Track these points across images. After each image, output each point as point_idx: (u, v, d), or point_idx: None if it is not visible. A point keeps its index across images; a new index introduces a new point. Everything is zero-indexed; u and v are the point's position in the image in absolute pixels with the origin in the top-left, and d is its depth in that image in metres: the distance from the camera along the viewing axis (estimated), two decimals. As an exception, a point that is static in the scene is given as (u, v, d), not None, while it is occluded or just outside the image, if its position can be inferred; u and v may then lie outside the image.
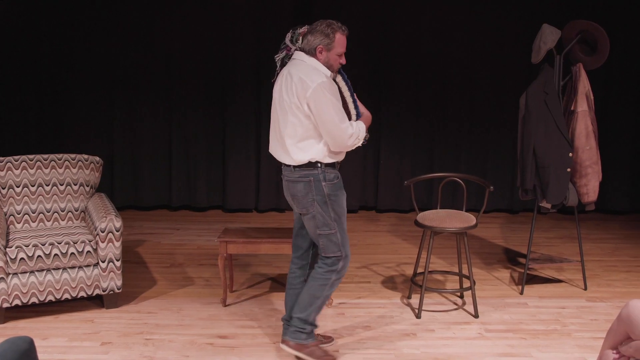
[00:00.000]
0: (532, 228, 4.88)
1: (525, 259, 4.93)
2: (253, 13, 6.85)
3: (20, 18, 6.70)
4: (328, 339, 4.00)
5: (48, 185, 4.81)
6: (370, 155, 7.10)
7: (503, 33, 6.90)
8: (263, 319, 4.34)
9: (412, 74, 6.98)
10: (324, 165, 3.61)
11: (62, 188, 4.84)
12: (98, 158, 5.03)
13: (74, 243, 4.31)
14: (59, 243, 4.28)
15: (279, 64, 3.75)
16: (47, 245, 4.25)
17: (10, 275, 4.19)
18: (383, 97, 7.01)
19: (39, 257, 4.22)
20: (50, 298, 4.29)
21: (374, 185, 7.21)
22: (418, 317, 4.38)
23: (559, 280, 5.11)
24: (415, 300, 4.61)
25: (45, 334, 4.08)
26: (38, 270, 4.25)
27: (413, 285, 4.67)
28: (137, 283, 4.97)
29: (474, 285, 4.45)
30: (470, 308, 4.51)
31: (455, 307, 4.59)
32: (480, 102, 7.04)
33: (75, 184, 4.88)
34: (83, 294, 4.37)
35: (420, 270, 4.78)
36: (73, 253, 4.30)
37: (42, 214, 4.79)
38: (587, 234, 6.32)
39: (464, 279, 4.79)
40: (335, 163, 3.67)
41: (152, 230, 6.45)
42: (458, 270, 4.76)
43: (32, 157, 4.82)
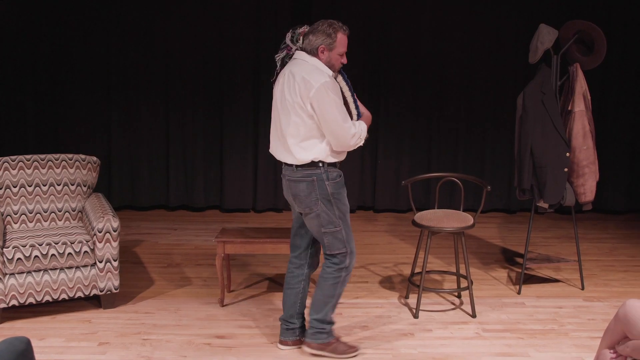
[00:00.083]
0: (529, 228, 4.89)
1: (523, 259, 4.93)
2: (252, 13, 6.84)
3: (19, 18, 6.68)
4: None
5: (45, 186, 4.80)
6: (368, 155, 7.10)
7: (501, 33, 6.91)
8: (261, 319, 4.34)
9: (410, 74, 6.98)
10: (327, 165, 3.61)
11: (59, 188, 4.83)
12: (95, 158, 5.02)
13: (71, 243, 4.30)
14: (56, 243, 4.28)
15: (279, 64, 3.75)
16: (44, 246, 4.24)
17: (7, 276, 4.19)
18: (381, 96, 7.01)
19: (36, 257, 4.21)
20: (48, 298, 4.29)
21: (372, 185, 7.21)
22: (415, 317, 4.39)
23: (557, 280, 5.11)
24: (413, 300, 4.61)
25: (43, 334, 4.07)
26: (35, 271, 4.24)
27: (410, 285, 4.67)
28: (134, 283, 4.96)
29: (472, 285, 4.46)
30: (468, 308, 4.52)
31: (453, 307, 4.59)
32: (478, 102, 7.04)
33: (73, 184, 4.87)
34: (80, 294, 4.37)
35: (418, 270, 4.78)
36: (70, 253, 4.29)
37: (39, 214, 4.78)
38: (584, 234, 6.33)
39: (462, 279, 4.79)
40: (337, 163, 3.68)
41: (149, 231, 6.44)
42: (455, 270, 4.76)
43: (29, 157, 4.81)
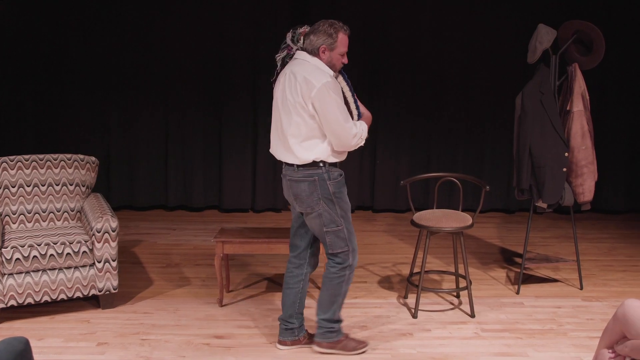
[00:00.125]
0: (528, 228, 4.89)
1: (522, 259, 4.93)
2: (251, 13, 6.84)
3: (19, 18, 6.68)
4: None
5: (44, 186, 4.80)
6: (367, 155, 7.10)
7: (501, 33, 6.90)
8: (260, 319, 4.34)
9: (410, 74, 6.98)
10: (328, 165, 3.61)
11: (57, 188, 4.83)
12: (94, 158, 5.01)
13: (70, 243, 4.30)
14: (55, 243, 4.27)
15: (280, 64, 3.75)
16: (42, 246, 4.24)
17: (6, 276, 4.18)
18: (381, 96, 7.01)
19: (35, 257, 4.21)
20: (46, 298, 4.28)
21: (371, 185, 7.21)
22: (414, 317, 4.39)
23: (555, 280, 5.11)
24: (412, 300, 4.62)
25: (41, 335, 4.07)
26: (34, 271, 4.24)
27: (409, 285, 4.67)
28: (133, 283, 4.96)
29: (470, 285, 4.46)
30: (467, 308, 4.52)
31: (452, 306, 4.59)
32: (478, 102, 7.04)
33: (71, 184, 4.87)
34: (79, 295, 4.36)
35: (417, 270, 4.78)
36: (69, 253, 4.29)
37: (37, 214, 4.78)
38: (583, 234, 6.33)
39: (460, 279, 4.79)
40: (337, 163, 3.68)
41: (148, 231, 6.44)
42: (454, 270, 4.76)
43: (27, 157, 4.81)
